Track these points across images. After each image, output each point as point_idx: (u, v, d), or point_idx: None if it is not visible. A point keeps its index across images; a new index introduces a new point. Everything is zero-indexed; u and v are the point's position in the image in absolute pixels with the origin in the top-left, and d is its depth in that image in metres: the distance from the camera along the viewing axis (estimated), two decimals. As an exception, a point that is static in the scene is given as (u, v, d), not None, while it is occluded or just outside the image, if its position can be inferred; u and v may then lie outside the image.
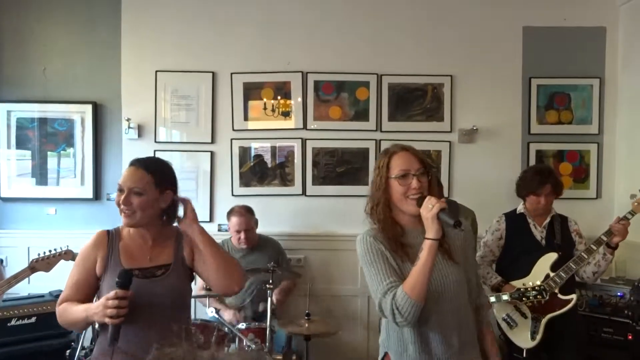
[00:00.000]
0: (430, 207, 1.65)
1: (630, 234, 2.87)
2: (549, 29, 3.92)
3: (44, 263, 2.57)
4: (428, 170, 1.79)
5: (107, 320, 1.70)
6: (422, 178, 1.76)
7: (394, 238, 1.78)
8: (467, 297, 1.84)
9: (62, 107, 3.90)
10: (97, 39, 3.92)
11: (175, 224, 1.97)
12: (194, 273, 2.00)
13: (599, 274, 3.00)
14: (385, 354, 1.88)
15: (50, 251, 2.62)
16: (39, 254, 2.59)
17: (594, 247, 2.85)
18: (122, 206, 1.84)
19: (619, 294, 3.29)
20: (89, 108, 3.89)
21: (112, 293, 1.71)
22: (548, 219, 3.08)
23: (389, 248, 1.76)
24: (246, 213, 3.51)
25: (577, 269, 2.91)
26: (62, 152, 3.91)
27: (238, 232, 3.48)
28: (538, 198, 3.03)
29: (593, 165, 3.94)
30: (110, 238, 1.91)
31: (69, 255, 2.63)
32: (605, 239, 2.83)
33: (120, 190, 1.85)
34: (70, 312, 1.84)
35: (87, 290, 1.90)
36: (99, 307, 1.72)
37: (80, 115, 3.90)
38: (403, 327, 1.72)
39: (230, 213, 3.56)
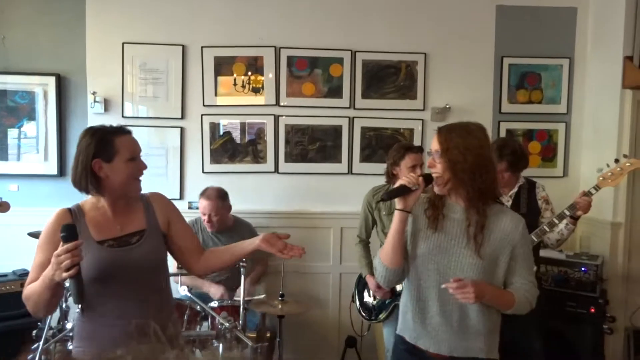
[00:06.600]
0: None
1: (595, 211, 2.94)
2: (522, 8, 3.94)
3: None
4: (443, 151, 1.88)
5: (64, 275, 1.61)
6: (436, 158, 1.89)
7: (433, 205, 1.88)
8: None
9: (23, 78, 3.71)
10: (60, 7, 3.73)
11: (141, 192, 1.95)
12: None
13: (562, 242, 3.03)
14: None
15: None
16: None
17: (556, 222, 2.89)
18: None
19: (582, 269, 3.39)
20: (52, 80, 3.72)
21: (60, 249, 1.62)
22: (515, 189, 3.05)
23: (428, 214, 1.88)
24: (216, 198, 3.44)
25: (540, 240, 2.94)
26: (23, 126, 3.75)
27: (204, 214, 3.44)
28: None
29: (561, 144, 4.02)
30: (74, 215, 1.85)
31: (4, 207, 2.62)
32: (568, 213, 2.86)
33: None
34: (33, 288, 1.77)
35: None
36: (52, 267, 1.64)
37: (43, 88, 3.73)
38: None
39: (201, 194, 3.49)
